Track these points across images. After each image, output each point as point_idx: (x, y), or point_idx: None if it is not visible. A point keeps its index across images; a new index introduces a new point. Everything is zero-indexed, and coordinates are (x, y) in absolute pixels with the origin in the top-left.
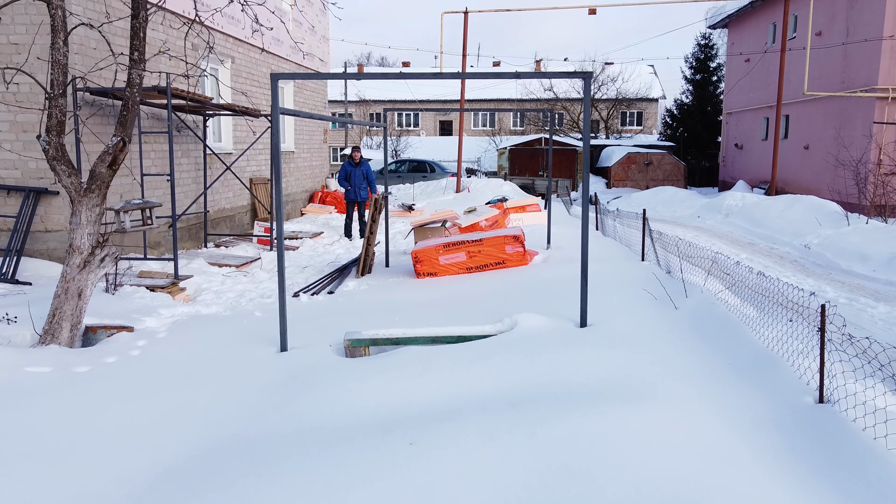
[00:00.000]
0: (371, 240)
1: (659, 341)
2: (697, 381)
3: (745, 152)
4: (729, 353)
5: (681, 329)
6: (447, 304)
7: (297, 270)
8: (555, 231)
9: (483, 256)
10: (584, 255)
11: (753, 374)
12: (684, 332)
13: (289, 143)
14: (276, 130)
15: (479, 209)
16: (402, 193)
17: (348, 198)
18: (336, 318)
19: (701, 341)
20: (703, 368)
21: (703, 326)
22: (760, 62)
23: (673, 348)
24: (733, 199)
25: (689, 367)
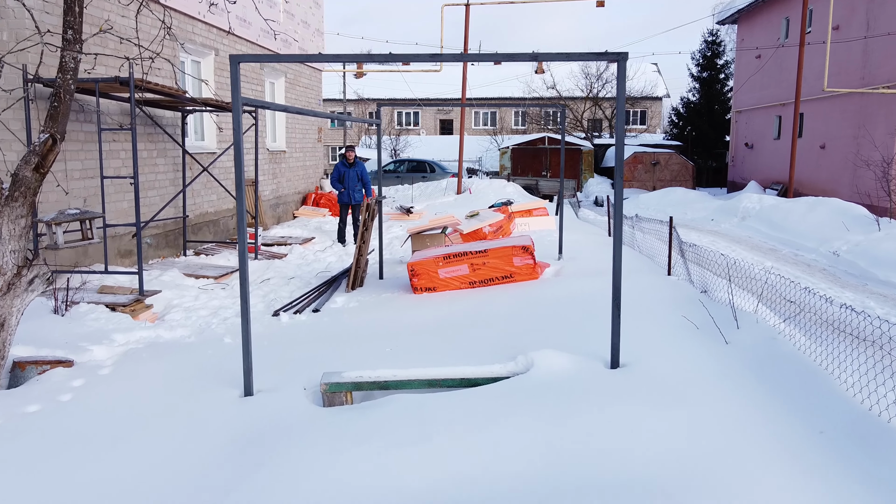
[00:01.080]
0: (363, 249)
1: (716, 392)
2: (789, 462)
3: (756, 152)
4: (816, 415)
5: (741, 374)
6: (447, 327)
7: (282, 282)
8: (566, 238)
9: (488, 269)
10: (616, 279)
11: (861, 454)
12: (746, 379)
13: (279, 142)
14: (237, 126)
15: (483, 213)
16: (400, 195)
17: (341, 200)
18: (317, 345)
19: (772, 394)
20: (790, 440)
21: (770, 372)
22: (772, 58)
23: (738, 405)
24: (750, 201)
25: (769, 436)
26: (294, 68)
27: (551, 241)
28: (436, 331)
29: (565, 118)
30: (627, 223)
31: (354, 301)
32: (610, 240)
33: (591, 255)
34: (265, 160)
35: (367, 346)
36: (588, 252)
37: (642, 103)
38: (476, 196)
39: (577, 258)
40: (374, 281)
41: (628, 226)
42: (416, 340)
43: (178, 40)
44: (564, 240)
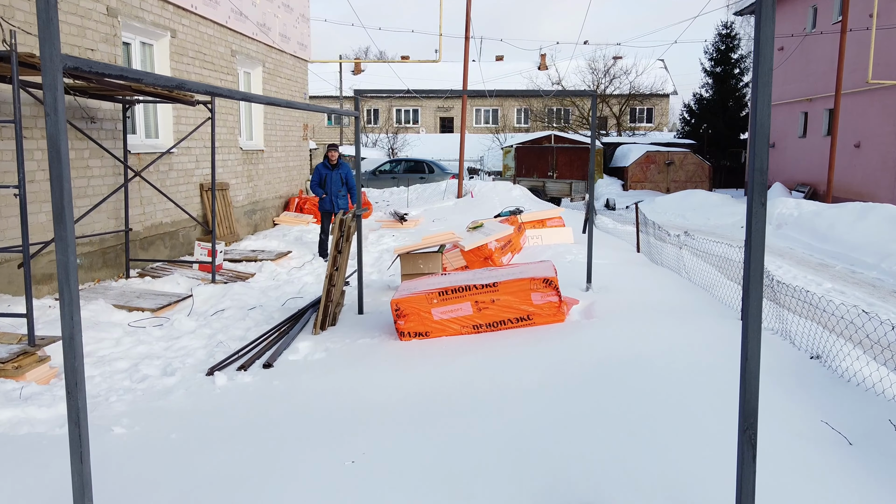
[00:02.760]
0: (336, 278)
1: None
2: None
3: (779, 151)
4: None
5: None
6: (438, 412)
7: (240, 315)
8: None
9: (498, 309)
10: (747, 410)
11: None
12: None
13: (257, 140)
14: None
15: (488, 225)
16: (395, 198)
17: (323, 208)
18: (245, 445)
19: None
20: None
21: None
22: (798, 50)
23: None
24: (786, 206)
25: None
26: (274, 57)
27: (572, 261)
28: (421, 418)
29: (595, 112)
30: (673, 241)
31: (322, 349)
32: (641, 258)
33: (627, 283)
34: (238, 161)
35: (322, 452)
36: (622, 278)
37: (649, 101)
38: (479, 200)
39: (611, 287)
40: (352, 317)
41: (674, 245)
42: (391, 438)
43: (117, 15)
44: (585, 258)
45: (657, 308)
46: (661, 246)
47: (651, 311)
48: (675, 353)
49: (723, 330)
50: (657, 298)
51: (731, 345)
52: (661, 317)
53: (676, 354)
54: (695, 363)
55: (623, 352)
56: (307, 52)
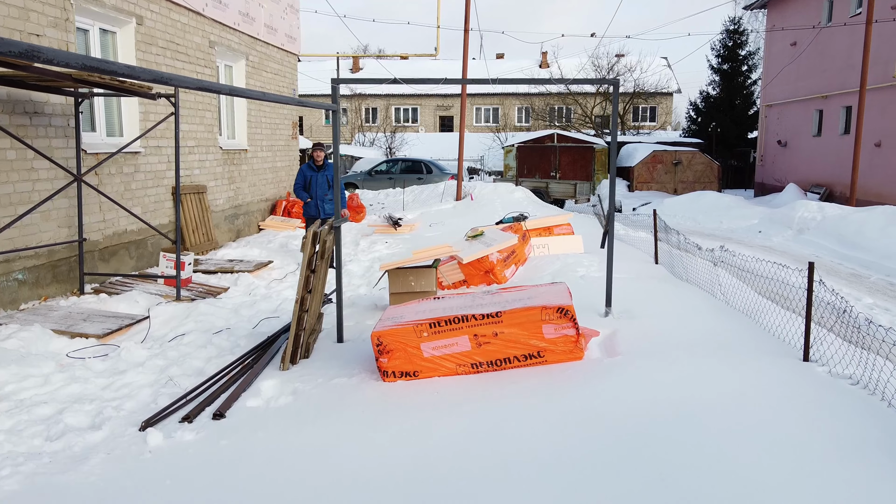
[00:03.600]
0: (310, 301)
1: None
2: None
3: (791, 150)
4: None
5: None
6: (429, 494)
7: (203, 340)
8: (600, 269)
9: (502, 344)
10: None
11: None
12: None
13: (240, 138)
14: None
15: (489, 234)
16: (390, 200)
17: (308, 213)
18: None
19: None
20: None
21: None
22: (812, 45)
23: None
24: (807, 210)
25: None
26: (259, 49)
27: (585, 276)
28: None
29: (617, 102)
30: (704, 256)
31: (289, 390)
32: (664, 272)
33: (653, 306)
34: (218, 161)
35: None
36: (645, 298)
37: (653, 99)
38: (479, 203)
39: (634, 312)
40: (329, 346)
41: (707, 261)
42: None
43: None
44: (601, 273)
45: (694, 341)
46: (683, 257)
47: (688, 346)
48: (729, 407)
49: (785, 375)
50: (693, 327)
51: (804, 399)
52: (701, 353)
53: (731, 410)
54: (759, 424)
55: (661, 405)
56: (296, 46)
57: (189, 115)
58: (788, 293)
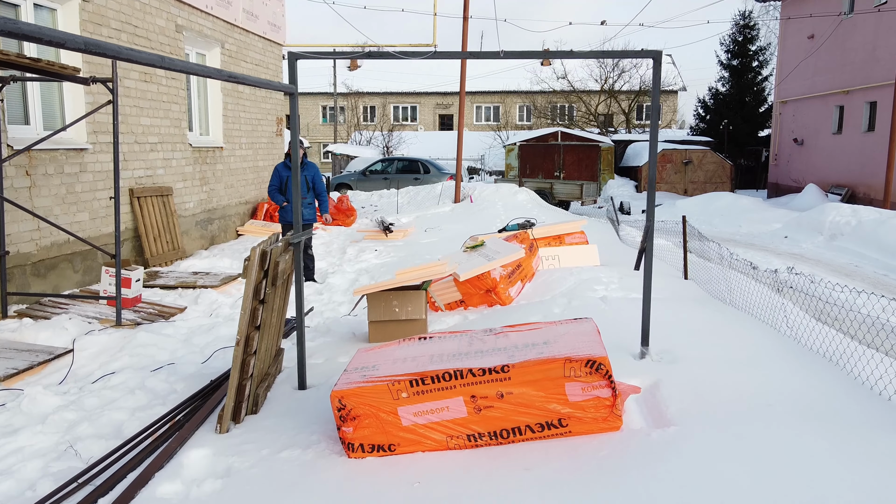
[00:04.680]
0: (258, 341)
1: None
2: None
3: (808, 149)
4: None
5: None
6: None
7: (135, 382)
8: (620, 287)
9: (510, 408)
10: None
11: None
12: None
13: (214, 134)
14: None
15: (490, 244)
16: (384, 202)
17: (284, 219)
18: None
19: None
20: None
21: None
22: (832, 38)
23: None
24: (839, 213)
25: None
26: (237, 37)
27: (606, 297)
28: None
29: (658, 81)
30: (763, 277)
31: (221, 469)
32: (699, 291)
33: (700, 343)
34: (187, 160)
35: None
36: (686, 331)
37: None
38: (479, 206)
39: (677, 352)
40: (287, 395)
41: (765, 286)
42: None
43: None
44: (624, 293)
45: (770, 399)
46: (725, 272)
47: (763, 408)
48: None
49: None
50: (761, 378)
51: None
52: (788, 422)
53: None
54: None
55: None
56: (281, 35)
57: (151, 108)
58: (869, 325)
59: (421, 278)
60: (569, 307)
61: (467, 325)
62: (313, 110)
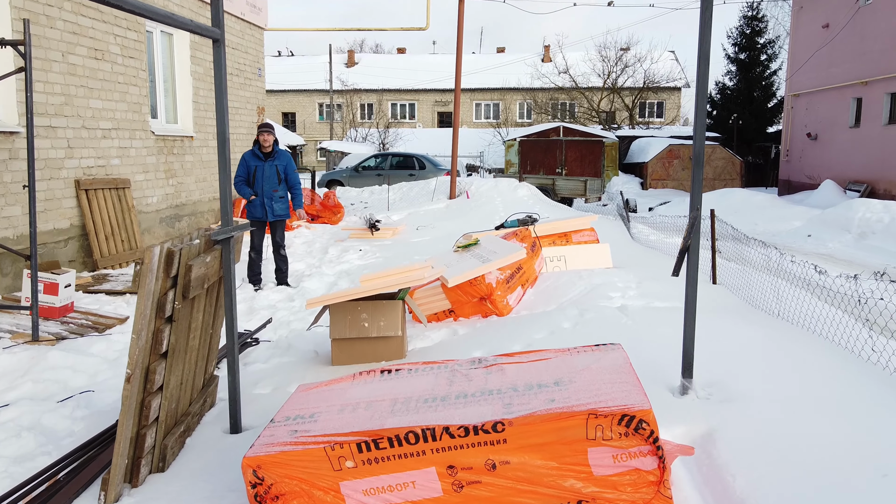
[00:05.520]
0: (164, 376)
1: None
2: None
3: (823, 144)
4: None
5: None
6: None
7: (31, 419)
8: (646, 301)
9: (506, 484)
10: None
11: None
12: None
13: (183, 122)
14: None
15: (486, 243)
16: (375, 199)
17: (252, 215)
18: None
19: None
20: None
21: None
22: (849, 26)
23: None
24: (870, 210)
25: None
26: (209, 16)
27: (623, 307)
28: None
29: (707, 66)
30: (828, 282)
31: None
32: (733, 298)
33: (753, 371)
34: (149, 150)
35: None
36: (733, 352)
37: (659, 94)
38: (476, 202)
39: (727, 382)
40: (212, 443)
41: (818, 295)
42: None
43: None
44: (645, 301)
45: (888, 468)
46: (757, 274)
47: (881, 484)
48: None
49: None
50: (863, 431)
51: None
52: None
53: None
54: None
55: None
56: (262, 18)
57: (104, 90)
58: None
59: (392, 286)
60: (581, 320)
61: (456, 343)
62: (310, 107)
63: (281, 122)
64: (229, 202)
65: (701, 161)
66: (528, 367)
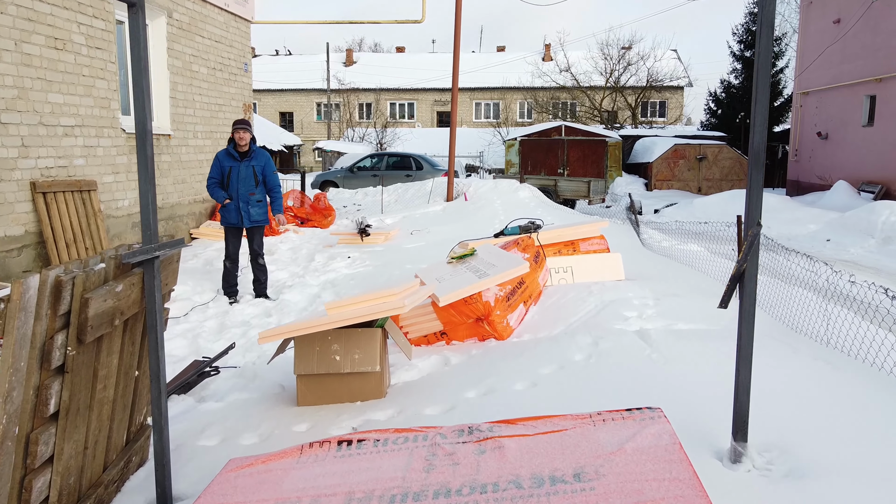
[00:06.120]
0: (54, 445)
1: None
2: None
3: (834, 143)
4: None
5: None
6: None
7: None
8: (668, 321)
9: None
10: None
11: None
12: None
13: (160, 120)
14: None
15: (484, 253)
16: (369, 201)
17: (227, 220)
18: None
19: None
20: None
21: None
22: (862, 21)
23: None
24: (894, 212)
25: None
26: (190, 7)
27: (641, 331)
28: None
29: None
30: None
31: None
32: (767, 319)
33: (821, 424)
34: (119, 149)
35: None
36: (792, 400)
37: (662, 93)
38: (475, 205)
39: (791, 447)
40: None
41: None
42: None
43: None
44: (666, 322)
45: None
46: (799, 293)
47: None
48: None
49: None
50: None
51: None
52: None
53: None
54: None
55: None
56: (248, 10)
57: (65, 83)
58: None
59: (361, 316)
60: (595, 351)
61: (447, 377)
62: (307, 107)
63: (278, 121)
64: (153, 213)
65: (760, 160)
66: (537, 445)
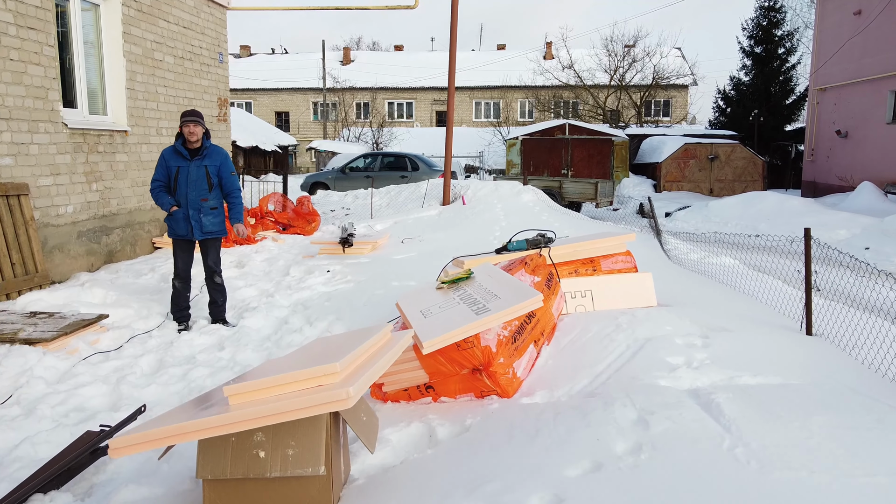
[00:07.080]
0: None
1: None
2: None
3: (854, 142)
4: None
5: None
6: None
7: None
8: (728, 373)
9: None
10: None
11: None
12: None
13: (115, 113)
14: None
15: (482, 275)
16: (359, 204)
17: (174, 232)
18: None
19: None
20: None
21: None
22: (886, 11)
23: None
24: None
25: None
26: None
27: (699, 392)
28: None
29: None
30: None
31: None
32: (853, 366)
33: None
34: (60, 147)
35: None
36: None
37: (666, 92)
38: (474, 209)
39: None
40: None
41: None
42: None
43: None
44: (725, 375)
45: None
46: (853, 316)
47: None
48: None
49: None
50: None
51: None
52: None
53: None
54: None
55: None
56: None
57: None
58: None
59: (275, 415)
60: (646, 439)
61: (430, 467)
62: (303, 106)
63: (274, 121)
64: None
65: None
66: None
